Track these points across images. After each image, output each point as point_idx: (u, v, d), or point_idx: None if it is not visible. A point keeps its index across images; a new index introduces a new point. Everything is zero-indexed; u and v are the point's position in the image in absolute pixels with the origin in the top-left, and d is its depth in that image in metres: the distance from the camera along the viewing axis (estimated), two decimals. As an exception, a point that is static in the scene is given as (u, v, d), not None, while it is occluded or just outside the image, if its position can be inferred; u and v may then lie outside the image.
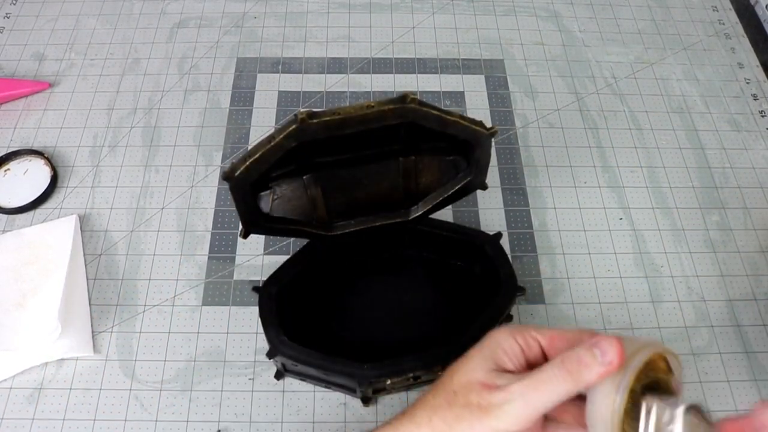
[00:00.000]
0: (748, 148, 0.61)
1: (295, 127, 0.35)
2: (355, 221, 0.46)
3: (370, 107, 0.36)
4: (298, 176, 0.43)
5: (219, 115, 0.61)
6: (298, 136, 0.36)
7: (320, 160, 0.42)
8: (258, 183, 0.40)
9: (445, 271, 0.48)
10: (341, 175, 0.44)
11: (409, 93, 0.36)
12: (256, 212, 0.41)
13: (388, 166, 0.44)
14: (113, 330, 0.49)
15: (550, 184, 0.58)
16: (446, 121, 0.38)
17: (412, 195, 0.46)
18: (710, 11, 0.72)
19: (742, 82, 0.66)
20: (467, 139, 0.40)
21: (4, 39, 0.66)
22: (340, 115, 0.36)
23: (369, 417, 0.46)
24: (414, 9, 0.70)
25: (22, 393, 0.46)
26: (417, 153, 0.44)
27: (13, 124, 0.60)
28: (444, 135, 0.40)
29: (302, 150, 0.38)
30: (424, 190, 0.46)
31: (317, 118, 0.35)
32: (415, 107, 0.36)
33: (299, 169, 0.43)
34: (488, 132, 0.40)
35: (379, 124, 0.37)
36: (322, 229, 0.46)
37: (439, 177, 0.45)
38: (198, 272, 0.52)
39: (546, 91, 0.64)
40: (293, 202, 0.44)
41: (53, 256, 0.51)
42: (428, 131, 0.39)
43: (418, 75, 0.65)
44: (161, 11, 0.69)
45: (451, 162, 0.45)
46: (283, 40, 0.67)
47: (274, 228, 0.43)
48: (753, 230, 0.56)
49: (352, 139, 0.38)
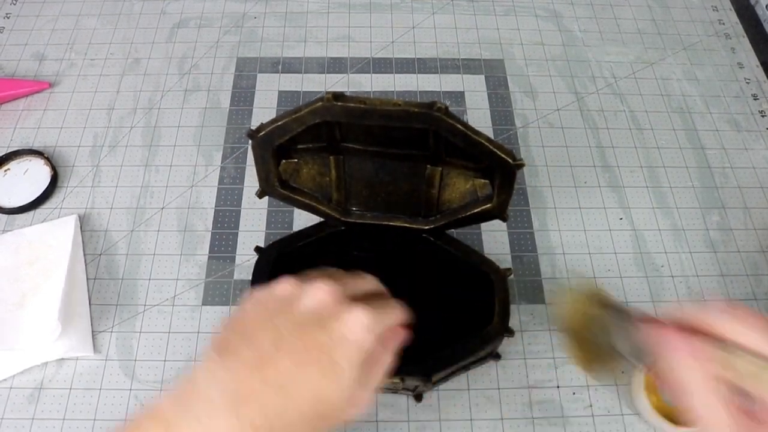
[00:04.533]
0: (748, 148, 0.61)
1: (320, 105, 0.37)
2: (371, 214, 0.47)
3: (396, 105, 0.36)
4: (325, 155, 0.43)
5: (219, 115, 0.61)
6: (321, 114, 0.37)
7: (349, 145, 0.42)
8: (282, 149, 0.41)
9: (445, 286, 0.48)
10: (366, 166, 0.44)
11: (438, 102, 0.36)
12: (274, 176, 0.42)
13: (414, 169, 0.44)
14: (113, 330, 0.49)
15: (550, 184, 0.58)
16: (471, 139, 0.37)
17: (432, 205, 0.46)
18: (710, 11, 0.72)
19: (742, 82, 0.66)
20: (493, 165, 0.39)
21: (4, 39, 0.66)
22: (365, 105, 0.36)
23: (370, 417, 0.46)
24: (414, 9, 0.70)
25: (22, 393, 0.46)
26: (445, 165, 0.43)
27: (13, 124, 0.60)
28: (470, 154, 0.39)
29: (332, 130, 0.39)
30: (444, 204, 0.46)
31: (342, 102, 0.36)
32: (441, 117, 0.36)
33: (327, 149, 0.43)
34: (514, 162, 0.39)
35: (403, 123, 0.37)
36: (336, 212, 0.46)
37: (462, 196, 0.45)
38: (198, 272, 0.52)
39: (546, 91, 0.64)
40: (315, 179, 0.45)
41: (53, 256, 0.51)
42: (456, 146, 0.38)
43: (418, 75, 0.65)
44: (161, 11, 0.69)
45: (477, 185, 0.44)
46: (283, 40, 0.67)
47: (290, 197, 0.44)
48: (753, 230, 0.56)
49: (381, 133, 0.39)
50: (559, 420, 0.46)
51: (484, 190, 0.44)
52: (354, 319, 0.31)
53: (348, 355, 0.31)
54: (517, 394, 0.47)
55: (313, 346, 0.30)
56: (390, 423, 0.46)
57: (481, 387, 0.47)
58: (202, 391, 0.30)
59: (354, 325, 0.31)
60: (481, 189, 0.44)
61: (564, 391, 0.47)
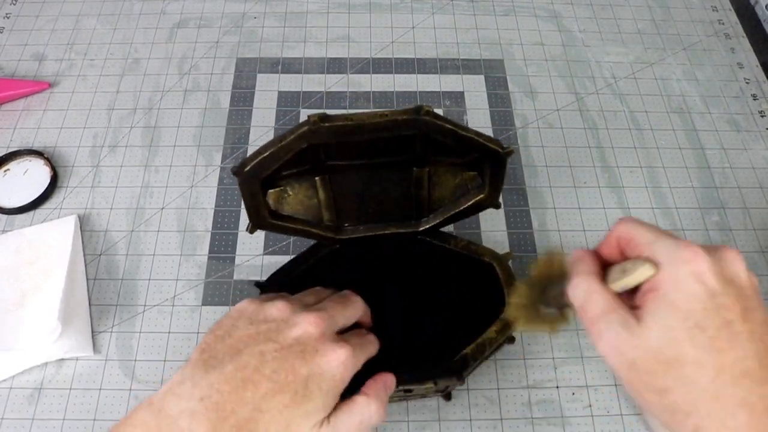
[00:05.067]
0: (748, 148, 0.61)
1: (307, 129, 0.36)
2: (363, 227, 0.46)
3: (383, 116, 0.36)
4: (310, 177, 0.43)
5: (219, 115, 0.61)
6: (308, 138, 0.36)
7: (333, 163, 0.42)
8: (268, 180, 0.40)
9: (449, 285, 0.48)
10: (353, 180, 0.44)
11: (424, 105, 0.36)
12: (264, 209, 0.41)
13: (401, 175, 0.44)
14: (113, 330, 0.49)
15: (550, 184, 0.58)
16: (461, 136, 0.38)
17: (424, 206, 0.46)
18: (710, 11, 0.72)
19: (742, 82, 0.66)
20: (482, 156, 0.40)
21: (4, 39, 0.67)
22: (353, 122, 0.36)
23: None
24: (414, 9, 0.70)
25: (22, 393, 0.46)
26: (431, 165, 0.43)
27: (13, 124, 0.60)
28: (459, 150, 0.39)
29: (316, 151, 0.38)
30: (436, 203, 0.46)
31: (329, 122, 0.36)
32: (429, 120, 0.36)
33: (312, 170, 0.42)
34: (504, 152, 0.40)
35: (392, 133, 0.37)
36: (330, 231, 0.46)
37: (453, 191, 0.45)
38: (198, 272, 0.52)
39: (546, 91, 0.64)
40: (303, 203, 0.44)
41: (53, 256, 0.51)
42: (444, 144, 0.38)
43: (418, 75, 0.65)
44: (161, 11, 0.69)
45: (466, 178, 0.44)
46: (282, 40, 0.67)
47: (282, 226, 0.43)
48: (753, 230, 0.56)
49: (366, 145, 0.38)
50: (558, 420, 0.46)
51: (474, 182, 0.44)
52: (335, 356, 0.34)
53: (324, 387, 0.33)
54: (516, 394, 0.47)
55: (292, 375, 0.32)
56: (390, 423, 0.46)
57: (481, 387, 0.47)
58: (185, 403, 0.32)
59: (334, 361, 0.34)
60: (471, 181, 0.44)
61: (563, 391, 0.47)
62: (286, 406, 0.32)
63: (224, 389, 0.32)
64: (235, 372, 0.32)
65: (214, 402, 0.31)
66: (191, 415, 0.31)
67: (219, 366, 0.33)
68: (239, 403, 0.32)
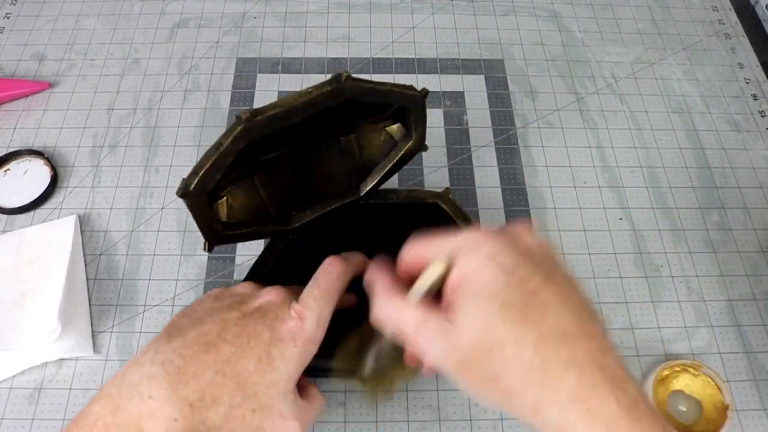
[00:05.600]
0: (748, 148, 0.61)
1: (242, 127, 0.35)
2: (310, 210, 0.47)
3: (308, 93, 0.36)
4: (248, 179, 0.43)
5: (219, 115, 0.61)
6: (246, 136, 0.36)
7: (264, 158, 0.43)
8: (212, 194, 0.41)
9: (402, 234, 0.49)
10: (288, 169, 0.44)
11: (343, 72, 0.37)
12: (216, 223, 0.41)
13: (330, 149, 0.45)
14: (113, 330, 0.49)
15: (550, 184, 0.58)
16: (380, 91, 0.39)
17: (360, 172, 0.47)
18: (710, 11, 0.72)
19: (742, 82, 0.66)
20: (403, 105, 0.42)
21: (4, 39, 0.67)
22: (283, 107, 0.36)
23: (369, 417, 0.46)
24: (414, 9, 0.70)
25: (22, 393, 0.46)
26: (356, 131, 0.45)
27: (13, 124, 0.60)
28: (379, 107, 0.41)
29: (246, 152, 0.38)
30: (370, 165, 0.47)
31: (261, 114, 0.36)
32: (352, 84, 0.37)
33: (248, 172, 0.43)
34: (420, 93, 0.41)
35: (321, 107, 0.37)
36: (280, 224, 0.46)
37: (381, 149, 0.47)
38: (198, 272, 0.52)
39: (546, 91, 0.64)
40: (248, 206, 0.44)
41: (53, 256, 0.51)
42: (363, 107, 0.39)
43: (418, 75, 0.65)
44: (161, 11, 0.69)
45: (390, 132, 0.46)
46: (282, 40, 0.67)
47: (237, 234, 0.43)
48: (753, 230, 0.56)
49: (291, 132, 0.38)
50: (558, 420, 0.46)
51: (399, 133, 0.46)
52: (296, 321, 0.34)
53: (287, 355, 0.33)
54: (516, 394, 0.47)
55: (255, 340, 0.33)
56: (390, 423, 0.46)
57: (481, 387, 0.47)
58: (146, 368, 0.32)
59: (295, 326, 0.34)
60: (396, 133, 0.46)
61: (564, 391, 0.47)
62: (251, 373, 0.32)
63: (186, 353, 0.32)
64: (197, 338, 0.33)
65: (175, 366, 0.31)
66: (151, 379, 0.31)
67: (181, 334, 0.33)
68: (201, 366, 0.31)
